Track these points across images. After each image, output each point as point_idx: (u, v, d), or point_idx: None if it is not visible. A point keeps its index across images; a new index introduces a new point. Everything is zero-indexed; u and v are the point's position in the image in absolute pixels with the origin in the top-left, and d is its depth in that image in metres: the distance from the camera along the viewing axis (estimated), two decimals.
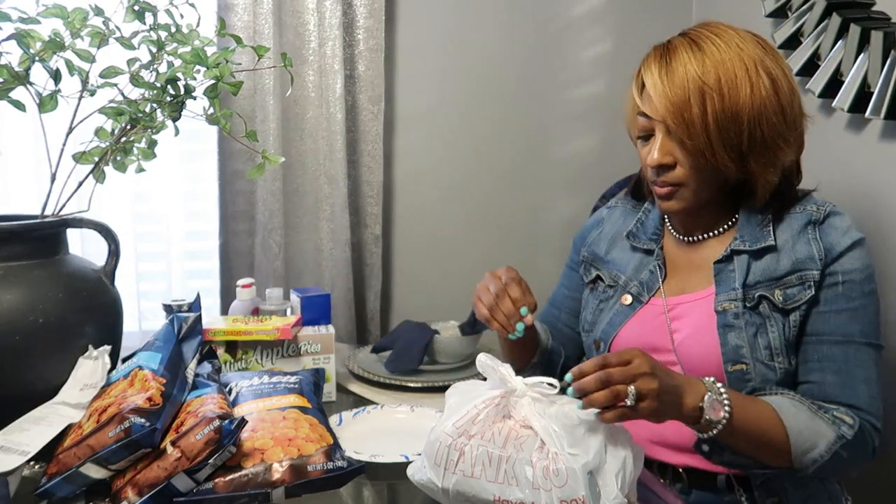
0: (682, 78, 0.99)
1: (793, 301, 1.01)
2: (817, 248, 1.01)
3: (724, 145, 0.99)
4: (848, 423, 0.97)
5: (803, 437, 0.95)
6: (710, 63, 0.99)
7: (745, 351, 1.01)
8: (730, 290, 1.04)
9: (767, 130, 0.99)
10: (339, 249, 1.83)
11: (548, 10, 1.99)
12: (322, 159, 1.82)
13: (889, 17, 1.38)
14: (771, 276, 1.03)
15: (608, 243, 1.23)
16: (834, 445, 0.95)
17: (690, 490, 1.08)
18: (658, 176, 1.05)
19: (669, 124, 1.00)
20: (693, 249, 1.12)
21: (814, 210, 1.04)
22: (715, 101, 0.97)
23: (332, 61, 1.78)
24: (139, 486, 0.85)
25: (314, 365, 1.27)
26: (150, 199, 1.80)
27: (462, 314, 1.55)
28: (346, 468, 0.91)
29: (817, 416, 0.97)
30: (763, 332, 1.02)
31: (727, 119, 0.98)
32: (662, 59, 1.02)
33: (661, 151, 1.02)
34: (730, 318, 1.03)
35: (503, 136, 2.01)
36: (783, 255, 1.03)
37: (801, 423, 0.95)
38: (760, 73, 0.99)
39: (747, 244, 1.05)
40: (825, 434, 0.96)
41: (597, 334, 1.18)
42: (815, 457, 0.95)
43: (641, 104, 1.05)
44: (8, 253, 1.07)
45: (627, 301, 1.15)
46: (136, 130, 1.17)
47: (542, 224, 2.06)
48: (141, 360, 1.02)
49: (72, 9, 1.09)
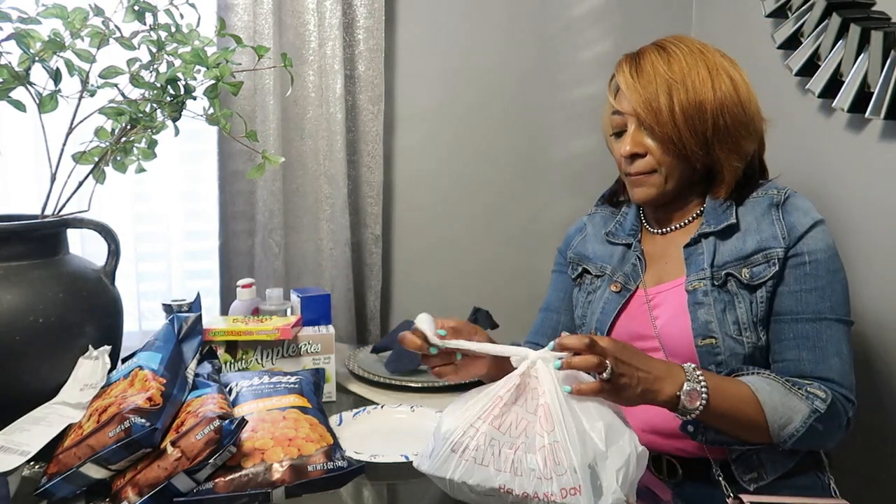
0: (650, 74, 1.10)
1: (759, 278, 1.08)
2: (780, 227, 1.08)
3: (691, 133, 1.08)
4: (821, 397, 1.01)
5: (779, 413, 1.00)
6: (675, 63, 1.10)
7: (714, 325, 1.08)
8: (699, 270, 1.11)
9: (730, 120, 1.09)
10: (339, 249, 1.83)
11: (548, 11, 1.99)
12: (322, 159, 1.82)
13: (889, 17, 1.38)
14: (738, 255, 1.09)
15: (592, 243, 1.29)
16: (808, 419, 1.00)
17: (684, 482, 1.11)
18: (630, 165, 1.14)
19: (640, 114, 1.10)
20: (667, 241, 1.20)
21: (775, 193, 1.12)
22: (681, 93, 1.08)
23: (332, 61, 1.78)
24: (139, 486, 0.85)
25: (314, 365, 1.27)
26: (150, 199, 1.80)
27: (462, 314, 1.54)
28: (346, 468, 0.91)
29: (791, 392, 1.02)
30: (731, 309, 1.08)
31: (692, 108, 1.08)
32: (633, 60, 1.14)
33: (632, 142, 1.12)
34: (699, 296, 1.10)
35: (503, 136, 2.01)
36: (748, 235, 1.10)
37: (776, 399, 1.00)
38: (721, 74, 1.10)
39: (712, 226, 1.12)
40: (799, 409, 1.00)
41: (591, 325, 1.21)
42: (791, 431, 1.00)
43: (615, 103, 1.15)
44: (8, 253, 1.07)
45: (616, 289, 1.20)
46: (136, 130, 1.17)
47: (541, 224, 2.06)
48: (141, 360, 1.02)
49: (72, 9, 1.09)
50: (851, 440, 1.13)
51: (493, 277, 2.04)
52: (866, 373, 1.43)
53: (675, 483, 1.12)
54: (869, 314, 1.43)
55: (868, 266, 1.43)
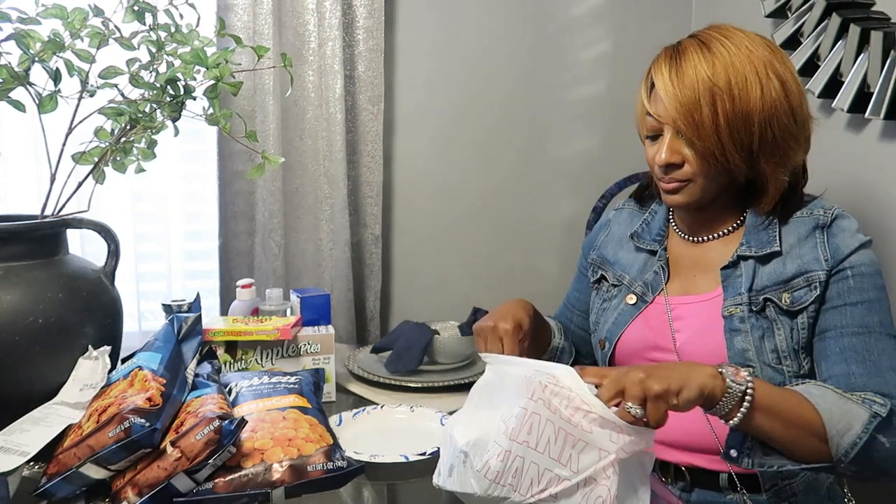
0: (692, 79, 0.98)
1: (799, 303, 1.00)
2: (823, 250, 1.01)
3: (735, 146, 0.98)
4: (879, 402, 0.91)
5: (836, 418, 0.88)
6: (720, 65, 0.98)
7: (752, 354, 1.01)
8: (736, 294, 1.04)
9: (778, 131, 0.99)
10: (338, 250, 1.83)
11: (548, 11, 1.99)
12: (322, 159, 1.82)
13: (889, 17, 1.38)
14: (777, 279, 1.02)
15: (615, 245, 1.23)
16: (870, 425, 0.89)
17: (692, 489, 1.08)
18: (665, 174, 1.05)
19: (680, 126, 1.00)
20: (698, 250, 1.12)
21: (821, 214, 1.03)
22: (725, 103, 0.97)
23: (331, 62, 1.78)
24: (139, 487, 0.85)
25: (314, 365, 1.27)
26: (150, 200, 1.80)
27: (462, 314, 1.55)
28: (345, 468, 0.91)
29: (845, 397, 0.92)
30: (770, 336, 1.01)
31: (738, 120, 0.98)
32: (673, 60, 1.01)
33: (668, 151, 1.02)
34: (736, 322, 1.02)
35: (503, 136, 2.01)
36: (789, 259, 1.02)
37: (830, 401, 0.90)
38: (770, 75, 0.99)
39: (753, 250, 1.04)
40: (858, 414, 0.90)
41: (602, 334, 1.18)
42: (852, 439, 0.88)
43: (650, 105, 1.04)
44: (8, 253, 1.07)
45: (632, 301, 1.14)
46: (136, 131, 1.17)
47: (541, 224, 2.06)
48: (141, 360, 1.03)
49: (72, 9, 1.09)
50: None
51: (493, 277, 2.04)
52: None
53: (681, 488, 1.08)
54: None
55: None
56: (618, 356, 1.16)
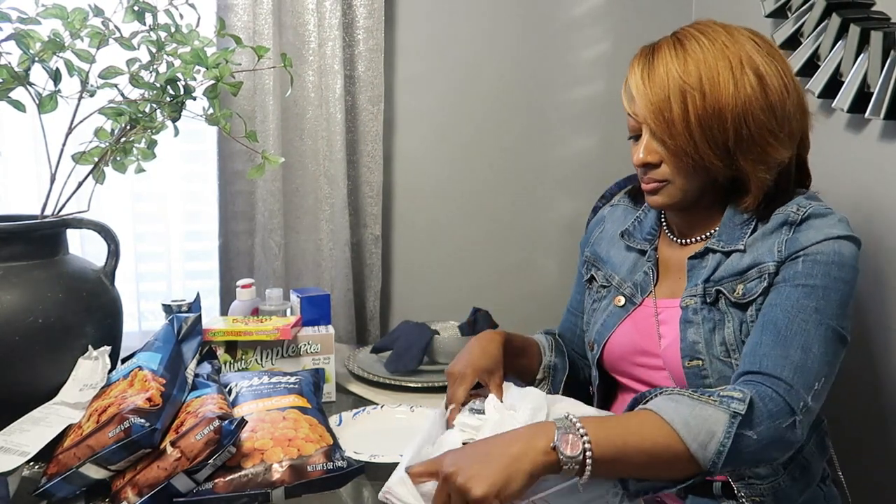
0: (662, 78, 0.98)
1: (750, 294, 0.98)
2: (780, 245, 0.98)
3: (709, 144, 0.97)
4: (737, 398, 0.86)
5: (695, 429, 0.84)
6: (692, 62, 0.97)
7: (701, 346, 1.00)
8: (694, 285, 1.03)
9: (755, 127, 0.96)
10: (338, 249, 1.83)
11: (547, 11, 1.99)
12: (322, 159, 1.82)
13: (889, 17, 1.38)
14: (733, 272, 1.00)
15: (608, 242, 1.22)
16: (731, 427, 0.84)
17: (686, 495, 1.07)
18: (644, 174, 1.05)
19: (651, 125, 0.99)
20: (684, 252, 1.10)
21: (793, 211, 0.99)
22: (696, 100, 0.96)
23: (331, 61, 1.78)
24: (139, 487, 0.85)
25: (314, 365, 1.27)
26: (150, 200, 1.80)
27: (462, 314, 1.55)
28: (345, 468, 0.91)
29: (700, 401, 0.86)
30: (720, 328, 1.00)
31: (710, 117, 0.96)
32: (646, 59, 1.01)
33: (645, 150, 1.02)
34: (689, 313, 1.02)
35: (503, 136, 2.01)
36: (748, 252, 1.00)
37: (685, 414, 0.85)
38: (746, 69, 0.97)
39: (722, 244, 1.03)
40: (717, 417, 0.84)
41: (591, 335, 1.17)
42: (717, 447, 0.84)
43: (628, 105, 1.04)
44: (8, 253, 1.07)
45: (620, 303, 1.14)
46: (136, 131, 1.17)
47: (541, 224, 2.06)
48: (141, 360, 1.03)
49: (71, 9, 1.09)
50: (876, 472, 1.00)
51: (493, 277, 2.04)
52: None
53: (676, 493, 1.06)
54: (859, 314, 1.43)
55: (866, 266, 1.43)
56: (606, 359, 1.15)
